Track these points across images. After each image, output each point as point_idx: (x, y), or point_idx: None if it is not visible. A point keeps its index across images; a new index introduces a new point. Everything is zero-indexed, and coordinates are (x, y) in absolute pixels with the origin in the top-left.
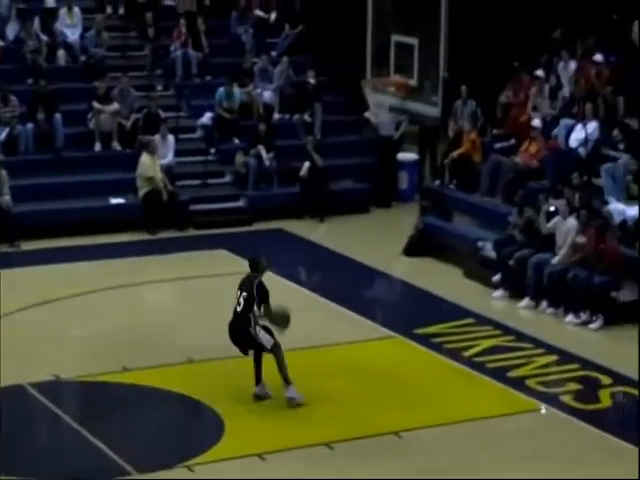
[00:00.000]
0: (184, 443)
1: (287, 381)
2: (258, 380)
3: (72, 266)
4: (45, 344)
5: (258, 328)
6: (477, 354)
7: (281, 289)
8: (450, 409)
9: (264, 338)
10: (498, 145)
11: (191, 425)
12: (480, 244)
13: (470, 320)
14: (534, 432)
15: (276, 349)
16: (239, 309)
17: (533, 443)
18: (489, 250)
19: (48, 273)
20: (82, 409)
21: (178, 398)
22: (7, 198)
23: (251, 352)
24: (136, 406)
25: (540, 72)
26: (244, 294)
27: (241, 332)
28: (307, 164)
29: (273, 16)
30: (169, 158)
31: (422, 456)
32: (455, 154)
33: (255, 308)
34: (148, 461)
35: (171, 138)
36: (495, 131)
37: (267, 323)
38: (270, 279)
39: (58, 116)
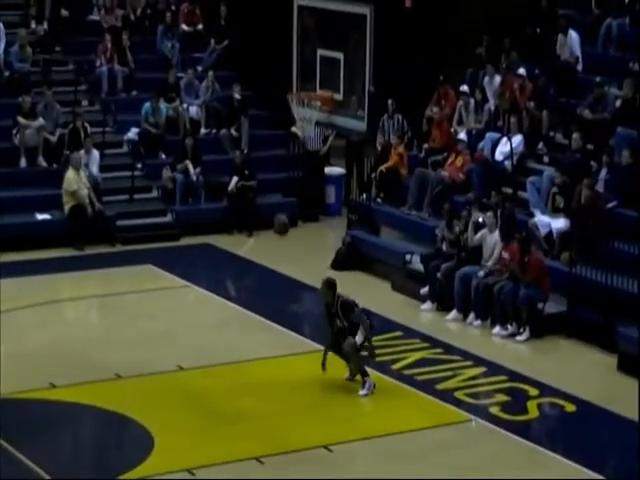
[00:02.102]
0: (113, 459)
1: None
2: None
3: None
4: None
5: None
6: (405, 367)
7: (208, 304)
8: (380, 422)
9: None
10: (432, 159)
11: (120, 441)
12: (408, 257)
13: (398, 333)
14: (463, 444)
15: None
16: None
17: (462, 454)
18: (416, 263)
19: None
20: (9, 426)
21: (106, 414)
22: None
23: None
24: (64, 423)
25: (465, 87)
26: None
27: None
28: (235, 179)
29: (200, 27)
30: (94, 172)
31: (352, 469)
32: (383, 168)
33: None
34: (77, 477)
35: (96, 153)
36: (426, 145)
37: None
38: (197, 294)
39: None
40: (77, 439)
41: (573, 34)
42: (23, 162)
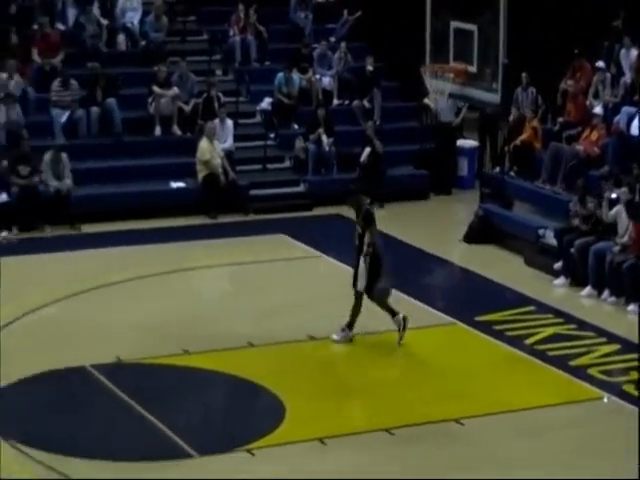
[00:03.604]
0: (245, 427)
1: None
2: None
3: (132, 249)
4: (106, 326)
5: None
6: (538, 342)
7: (339, 274)
8: (511, 396)
9: None
10: (566, 132)
11: (252, 409)
12: (541, 232)
13: (531, 308)
14: (595, 421)
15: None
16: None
17: (595, 431)
18: (550, 238)
19: (108, 256)
20: (144, 391)
21: (239, 382)
22: (68, 182)
23: None
24: (197, 389)
25: (601, 63)
26: None
27: None
28: (367, 150)
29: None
30: (228, 143)
31: (482, 444)
32: (517, 141)
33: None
34: (209, 444)
35: (230, 123)
36: (561, 119)
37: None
38: (329, 264)
39: (113, 100)
40: (210, 405)
41: None
42: (158, 130)
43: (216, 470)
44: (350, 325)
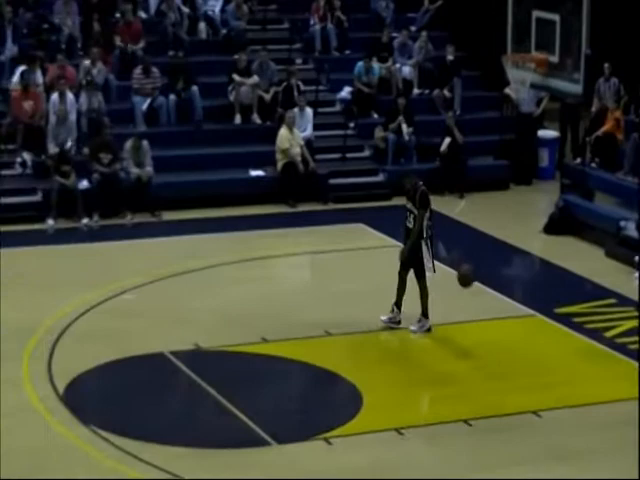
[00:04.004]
0: (322, 415)
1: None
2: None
3: (211, 237)
4: (185, 313)
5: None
6: (618, 335)
7: None
8: (590, 389)
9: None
10: None
11: (329, 398)
12: (622, 224)
13: (612, 300)
14: None
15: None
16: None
17: None
18: (631, 230)
19: (188, 244)
20: (222, 379)
21: (316, 370)
22: (149, 169)
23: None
24: (275, 377)
25: None
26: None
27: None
28: (447, 140)
29: None
30: (308, 131)
31: (559, 436)
32: (599, 132)
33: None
34: (286, 432)
35: (309, 111)
36: None
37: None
38: None
39: (195, 89)
40: (287, 394)
41: None
42: (238, 119)
43: (294, 458)
44: (398, 305)
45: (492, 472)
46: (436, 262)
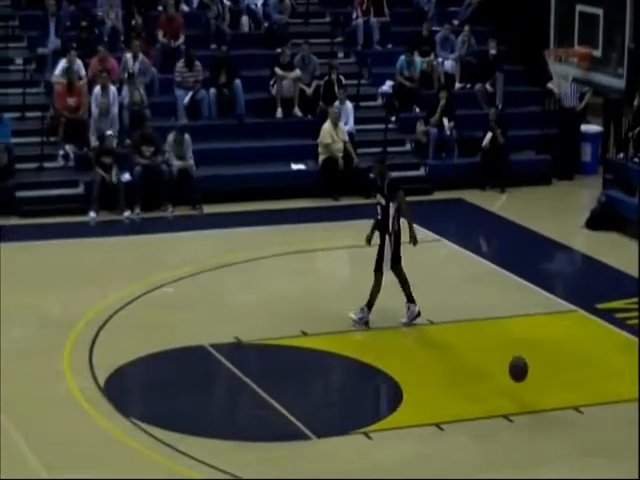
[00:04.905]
0: (362, 410)
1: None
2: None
3: (252, 230)
4: (226, 306)
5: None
6: None
7: (459, 259)
8: (632, 386)
9: None
10: None
11: (369, 392)
12: None
13: None
14: None
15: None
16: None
17: None
18: None
19: (229, 237)
20: (262, 372)
21: (356, 364)
22: (190, 162)
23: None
24: (314, 371)
25: None
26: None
27: None
28: (489, 135)
29: None
30: (349, 125)
31: (600, 433)
32: None
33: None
34: (326, 426)
35: (350, 105)
36: None
37: None
38: (448, 249)
39: (238, 82)
40: (327, 387)
41: None
42: (279, 112)
43: (333, 452)
44: (370, 305)
45: (533, 469)
46: (476, 256)
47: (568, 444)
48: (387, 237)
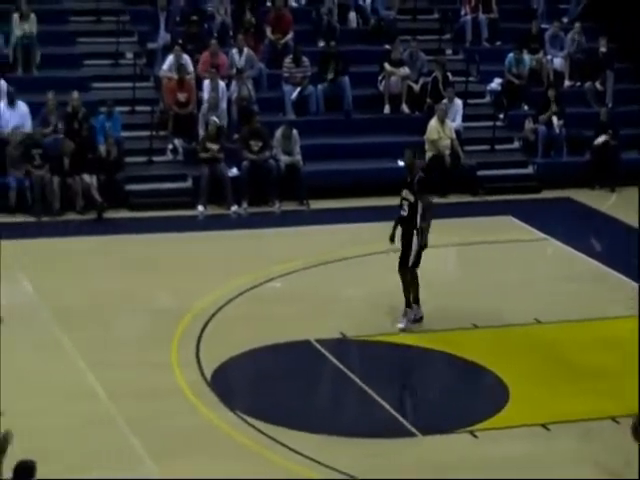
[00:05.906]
0: (468, 408)
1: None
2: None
3: (358, 226)
4: (331, 302)
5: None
6: None
7: (567, 258)
8: None
9: None
10: None
11: (475, 390)
12: None
13: None
14: None
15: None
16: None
17: None
18: None
19: (335, 232)
20: (367, 368)
21: (463, 363)
22: (298, 157)
23: None
24: (419, 368)
25: None
26: None
27: None
28: (602, 137)
29: None
30: (457, 122)
31: None
32: None
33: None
34: (431, 424)
35: (458, 102)
36: None
37: None
38: (556, 248)
39: (346, 78)
40: (432, 385)
41: None
42: (387, 109)
43: (439, 450)
44: (416, 301)
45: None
46: (584, 255)
47: None
48: (415, 233)
